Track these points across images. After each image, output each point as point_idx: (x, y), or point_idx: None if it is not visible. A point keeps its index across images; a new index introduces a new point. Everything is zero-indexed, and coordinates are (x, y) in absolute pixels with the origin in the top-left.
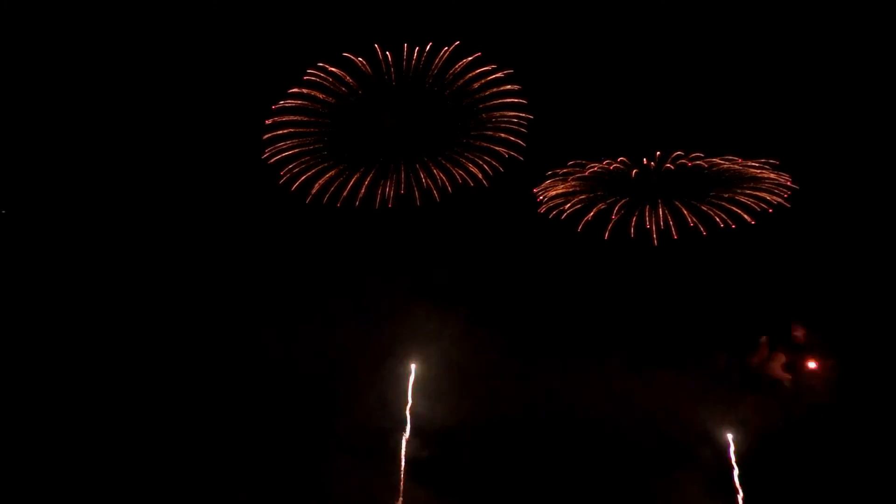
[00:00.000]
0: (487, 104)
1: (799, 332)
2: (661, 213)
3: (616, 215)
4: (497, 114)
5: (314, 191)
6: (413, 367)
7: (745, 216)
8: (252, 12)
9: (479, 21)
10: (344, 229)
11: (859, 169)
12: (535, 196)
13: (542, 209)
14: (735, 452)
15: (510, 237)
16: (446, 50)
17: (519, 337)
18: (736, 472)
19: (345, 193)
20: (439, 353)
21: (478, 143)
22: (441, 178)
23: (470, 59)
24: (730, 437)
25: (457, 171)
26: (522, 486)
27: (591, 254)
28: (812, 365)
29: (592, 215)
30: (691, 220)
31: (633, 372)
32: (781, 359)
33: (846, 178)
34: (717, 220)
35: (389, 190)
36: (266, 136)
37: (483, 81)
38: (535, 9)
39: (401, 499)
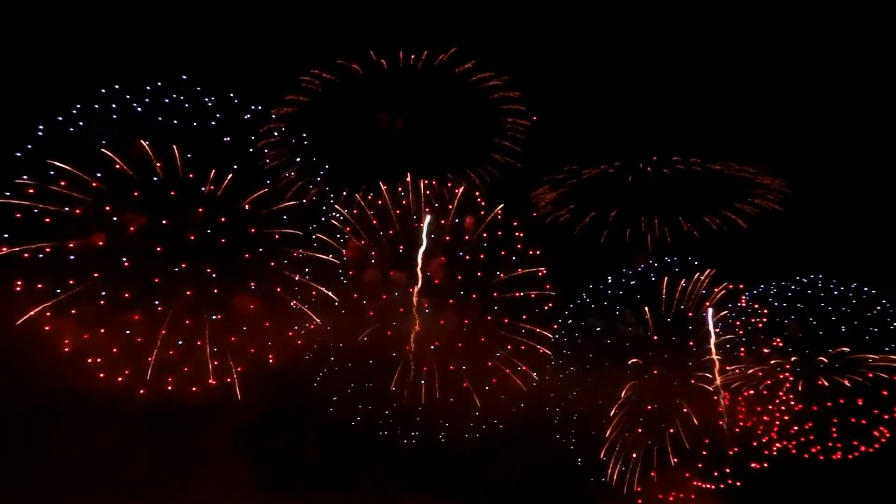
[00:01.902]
0: (486, 111)
1: None
2: (655, 219)
3: (608, 228)
4: (509, 120)
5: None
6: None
7: (740, 221)
8: (250, 15)
9: (475, 26)
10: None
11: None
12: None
13: (538, 214)
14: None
15: None
16: (442, 56)
17: None
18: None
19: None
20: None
21: (481, 152)
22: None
23: (468, 65)
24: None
25: (457, 180)
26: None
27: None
28: None
29: (587, 221)
30: (686, 224)
31: None
32: None
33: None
34: (713, 225)
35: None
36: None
37: (481, 88)
38: (534, 13)
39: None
